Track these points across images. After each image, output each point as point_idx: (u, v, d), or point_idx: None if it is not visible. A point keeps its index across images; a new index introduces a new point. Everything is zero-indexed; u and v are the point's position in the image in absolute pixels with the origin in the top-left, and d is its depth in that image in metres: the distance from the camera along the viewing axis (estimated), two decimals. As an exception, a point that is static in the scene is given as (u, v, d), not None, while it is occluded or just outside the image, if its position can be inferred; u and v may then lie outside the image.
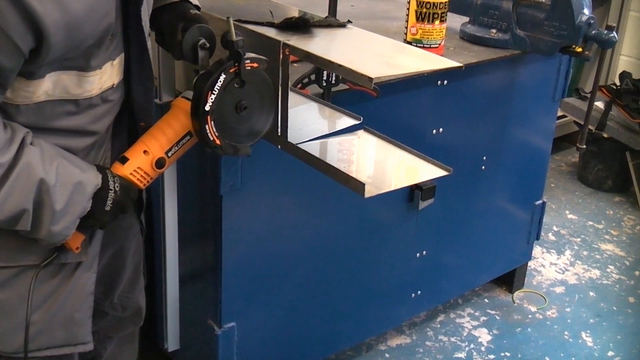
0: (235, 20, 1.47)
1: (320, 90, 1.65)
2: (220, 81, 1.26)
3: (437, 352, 2.45)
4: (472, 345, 2.50)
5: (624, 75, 3.59)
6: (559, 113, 2.91)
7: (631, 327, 2.65)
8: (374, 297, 2.21)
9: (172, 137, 1.34)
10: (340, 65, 1.24)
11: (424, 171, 1.44)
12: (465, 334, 2.56)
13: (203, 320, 1.87)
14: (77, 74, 1.18)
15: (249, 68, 1.29)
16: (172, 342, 1.95)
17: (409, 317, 2.50)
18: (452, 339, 2.53)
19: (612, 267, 3.03)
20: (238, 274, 1.81)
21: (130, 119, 1.39)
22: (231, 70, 1.27)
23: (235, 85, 1.28)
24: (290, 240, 1.91)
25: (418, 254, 2.27)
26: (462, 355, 2.45)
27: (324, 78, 1.64)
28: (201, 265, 1.87)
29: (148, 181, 1.35)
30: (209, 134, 1.29)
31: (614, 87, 3.55)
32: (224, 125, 1.30)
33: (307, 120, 1.50)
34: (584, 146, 2.23)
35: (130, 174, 1.32)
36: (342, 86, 1.68)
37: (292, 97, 1.38)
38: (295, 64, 1.74)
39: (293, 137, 1.39)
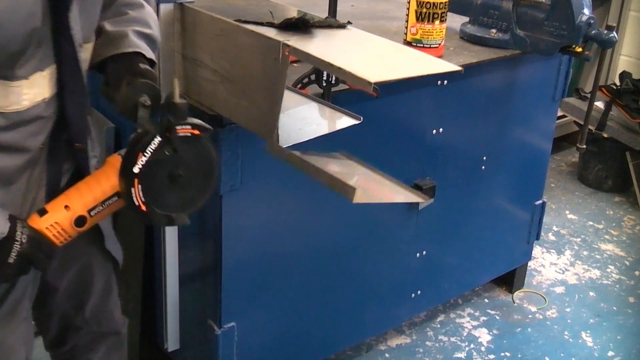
0: (235, 20, 1.48)
1: (320, 90, 1.65)
2: (154, 144, 1.17)
3: (437, 352, 2.45)
4: (472, 345, 2.50)
5: (624, 75, 3.59)
6: (559, 113, 2.91)
7: (631, 327, 2.65)
8: (374, 297, 2.21)
9: (99, 195, 1.24)
10: (339, 68, 1.23)
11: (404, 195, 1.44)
12: (465, 334, 2.56)
13: (203, 320, 1.87)
14: (1, 82, 1.12)
15: (189, 135, 1.20)
16: (172, 342, 1.95)
17: (409, 317, 2.50)
18: (452, 339, 2.53)
19: (612, 267, 3.03)
20: (238, 274, 1.81)
21: (67, 138, 1.31)
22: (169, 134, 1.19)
23: (166, 152, 1.19)
24: (290, 240, 1.91)
25: (418, 254, 2.27)
26: (462, 355, 2.45)
27: (324, 78, 1.63)
28: (201, 265, 1.87)
29: (65, 239, 1.24)
30: (135, 199, 1.19)
31: (614, 87, 3.55)
32: (153, 192, 1.20)
33: (307, 120, 1.50)
34: (584, 146, 2.23)
35: (47, 228, 1.21)
36: (342, 86, 1.68)
37: (292, 97, 1.38)
38: (295, 64, 1.75)
39: (293, 137, 1.38)
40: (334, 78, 1.64)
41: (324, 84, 1.64)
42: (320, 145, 1.40)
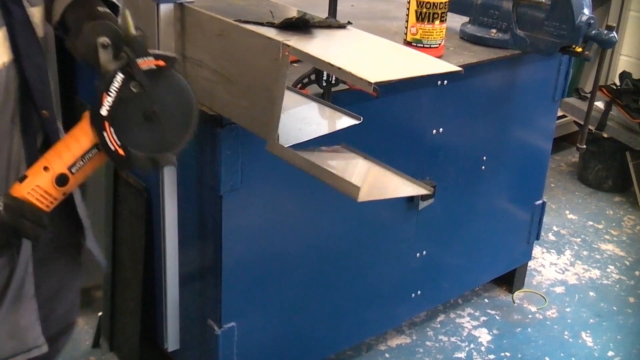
0: (235, 20, 1.48)
1: (320, 90, 1.65)
2: (117, 82, 1.13)
3: (437, 352, 2.45)
4: (472, 345, 2.50)
5: (624, 75, 3.59)
6: (559, 113, 2.91)
7: (631, 327, 2.65)
8: (374, 297, 2.21)
9: (77, 150, 1.18)
10: (339, 68, 1.23)
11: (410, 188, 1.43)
12: (465, 334, 2.56)
13: (203, 320, 1.88)
14: None
15: (154, 67, 1.15)
16: (172, 342, 1.95)
17: (409, 317, 2.50)
18: (452, 339, 2.53)
19: (612, 267, 3.03)
20: (238, 274, 1.81)
21: (35, 108, 1.27)
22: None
23: (133, 88, 1.14)
24: (290, 240, 1.91)
25: (418, 254, 2.27)
26: (462, 355, 2.45)
27: (324, 78, 1.63)
28: (201, 265, 1.87)
29: (51, 202, 1.19)
30: (110, 143, 1.14)
31: (614, 87, 3.55)
32: (128, 133, 1.15)
33: (307, 120, 1.50)
34: (584, 146, 2.23)
35: (28, 193, 1.16)
36: (342, 86, 1.68)
37: (292, 97, 1.38)
38: (295, 64, 1.75)
39: (293, 137, 1.38)
40: (334, 78, 1.64)
41: (324, 84, 1.64)
42: (320, 145, 1.40)
